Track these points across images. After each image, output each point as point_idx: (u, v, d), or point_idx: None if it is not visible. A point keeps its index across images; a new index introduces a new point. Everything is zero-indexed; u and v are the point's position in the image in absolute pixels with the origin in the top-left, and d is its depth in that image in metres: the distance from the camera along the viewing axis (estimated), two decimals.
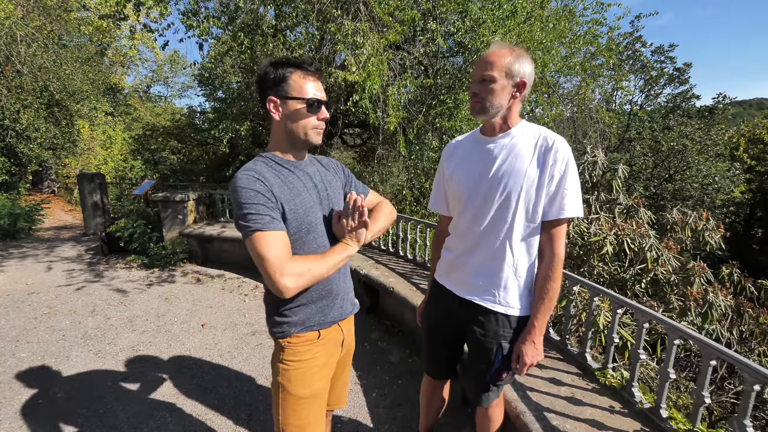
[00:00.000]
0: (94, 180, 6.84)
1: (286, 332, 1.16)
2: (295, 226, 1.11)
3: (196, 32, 4.21)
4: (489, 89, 1.20)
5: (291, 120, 1.13)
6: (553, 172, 1.19)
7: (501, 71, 1.19)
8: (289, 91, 1.10)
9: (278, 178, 1.11)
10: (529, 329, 1.28)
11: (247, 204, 1.02)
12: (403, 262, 3.95)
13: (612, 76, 7.27)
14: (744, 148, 15.98)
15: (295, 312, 1.18)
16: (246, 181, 1.04)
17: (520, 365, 1.29)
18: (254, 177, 1.06)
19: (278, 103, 1.11)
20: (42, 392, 2.47)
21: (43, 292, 4.15)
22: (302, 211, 1.12)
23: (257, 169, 1.09)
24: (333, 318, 1.24)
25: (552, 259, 1.24)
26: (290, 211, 1.10)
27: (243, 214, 1.03)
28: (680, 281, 3.52)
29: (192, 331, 3.33)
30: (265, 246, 1.00)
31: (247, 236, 1.03)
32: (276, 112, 1.12)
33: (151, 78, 20.61)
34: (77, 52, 9.21)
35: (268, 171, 1.11)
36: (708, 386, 1.58)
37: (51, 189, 12.17)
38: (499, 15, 4.23)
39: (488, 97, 1.21)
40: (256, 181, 1.05)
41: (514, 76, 1.20)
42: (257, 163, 1.13)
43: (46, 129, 8.71)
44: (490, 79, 1.19)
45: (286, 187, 1.10)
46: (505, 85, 1.20)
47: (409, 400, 2.43)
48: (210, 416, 2.26)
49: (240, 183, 1.04)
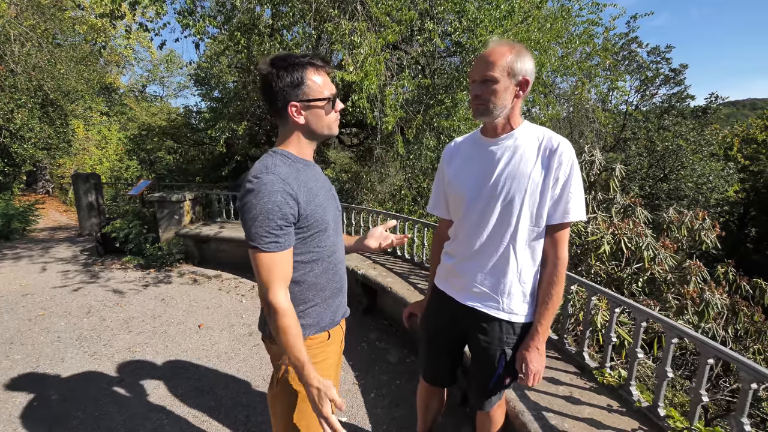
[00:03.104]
0: (89, 180, 6.78)
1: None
2: (314, 225, 1.11)
3: (192, 31, 4.19)
4: (492, 90, 1.16)
5: (315, 120, 1.10)
6: (557, 175, 1.17)
7: (503, 71, 1.14)
8: (309, 93, 1.07)
9: (299, 178, 1.09)
10: (533, 335, 1.25)
11: (265, 218, 0.99)
12: (401, 262, 3.95)
13: (608, 77, 7.30)
14: (738, 148, 16.12)
15: (309, 314, 1.16)
16: (270, 186, 0.99)
17: (526, 374, 1.25)
18: (279, 185, 1.00)
19: (300, 107, 1.07)
20: (37, 395, 2.44)
21: (37, 293, 4.11)
22: (321, 211, 1.12)
23: (282, 172, 1.03)
24: (341, 316, 1.26)
25: (556, 263, 1.22)
26: (311, 212, 1.08)
27: (257, 226, 1.00)
28: (677, 280, 3.54)
29: (188, 332, 3.31)
30: (272, 269, 1.02)
31: (254, 250, 1.01)
32: (299, 116, 1.08)
33: (146, 78, 20.48)
34: (72, 51, 9.12)
35: (290, 171, 1.07)
36: (705, 384, 1.59)
37: (45, 189, 12.06)
38: (496, 15, 4.24)
39: (492, 99, 1.16)
40: (281, 191, 1.00)
41: (516, 75, 1.15)
42: (277, 161, 1.07)
43: (40, 129, 8.62)
44: (493, 79, 1.14)
45: (306, 188, 1.08)
46: (508, 85, 1.16)
47: (408, 401, 2.43)
48: (207, 418, 2.25)
49: (264, 188, 0.99)
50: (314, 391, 1.02)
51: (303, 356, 1.03)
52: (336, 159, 9.72)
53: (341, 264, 1.25)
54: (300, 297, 1.15)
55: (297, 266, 1.12)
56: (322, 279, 1.17)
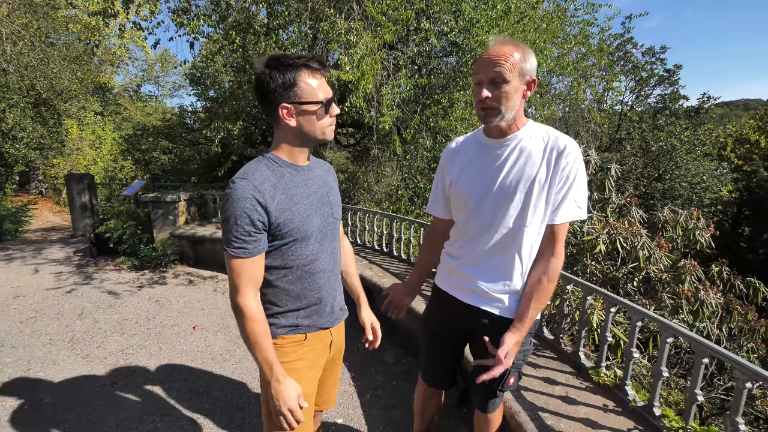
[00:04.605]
0: (82, 180, 6.71)
1: (273, 333, 1.13)
2: (290, 234, 1.09)
3: (186, 30, 4.16)
4: (503, 92, 1.10)
5: (308, 124, 1.08)
6: (563, 176, 1.15)
7: (513, 71, 1.10)
8: (302, 95, 1.05)
9: (279, 184, 1.08)
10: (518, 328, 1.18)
11: (234, 223, 1.02)
12: (397, 262, 3.94)
13: (603, 77, 7.34)
14: (731, 148, 16.26)
15: (283, 315, 1.17)
16: (240, 193, 1.01)
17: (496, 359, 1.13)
18: (249, 192, 1.01)
19: (292, 110, 1.06)
20: (28, 398, 2.41)
21: (29, 295, 4.06)
22: (299, 220, 1.10)
23: (257, 179, 1.04)
24: (322, 325, 1.23)
25: (552, 260, 1.20)
26: (286, 221, 1.07)
27: (227, 230, 1.04)
28: (672, 279, 3.55)
29: (183, 334, 3.28)
30: (240, 273, 1.05)
31: (225, 252, 1.05)
32: (290, 118, 1.07)
33: (141, 77, 20.33)
34: (65, 50, 9.02)
35: (271, 177, 1.07)
36: (700, 384, 1.59)
37: (39, 190, 11.92)
38: (492, 15, 4.24)
39: (503, 101, 1.11)
40: (250, 198, 1.01)
41: (524, 75, 1.12)
42: (260, 166, 1.08)
43: (32, 129, 8.53)
44: (504, 80, 1.09)
45: (284, 196, 1.07)
46: (518, 86, 1.12)
47: (404, 401, 2.42)
48: (202, 420, 2.23)
49: (234, 194, 1.01)
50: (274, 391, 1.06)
51: (270, 356, 1.07)
52: (333, 159, 9.70)
53: (324, 273, 1.20)
54: (272, 300, 1.16)
55: (270, 270, 1.12)
56: (296, 287, 1.16)
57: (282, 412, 1.07)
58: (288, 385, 1.08)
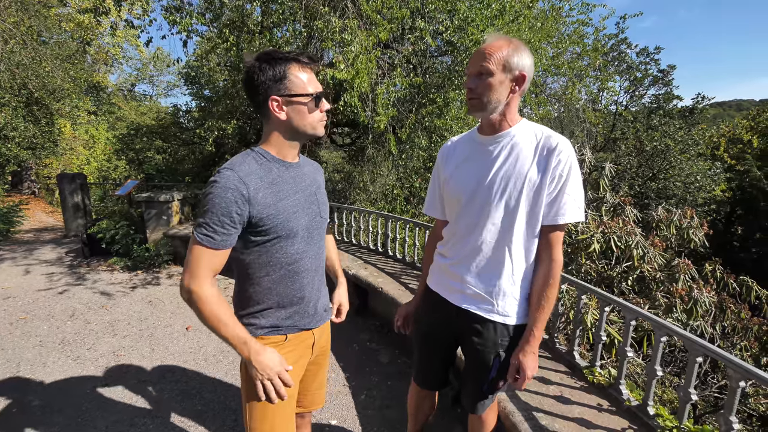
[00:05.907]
0: (75, 180, 6.64)
1: (252, 333, 1.11)
2: (274, 231, 1.07)
3: (178, 28, 4.12)
4: (486, 84, 1.13)
5: (298, 117, 1.07)
6: (555, 175, 1.13)
7: (498, 64, 1.11)
8: (292, 88, 1.04)
9: (266, 178, 1.06)
10: (528, 339, 1.21)
11: (210, 210, 1.00)
12: (393, 262, 3.92)
13: (598, 77, 7.37)
14: (724, 148, 16.40)
15: (264, 315, 1.14)
16: (224, 182, 0.99)
17: (521, 379, 1.21)
18: (234, 182, 1.00)
19: (281, 102, 1.05)
20: (16, 401, 2.37)
21: (19, 296, 4.00)
22: (283, 217, 1.08)
23: (243, 170, 1.02)
24: (304, 325, 1.21)
25: (551, 265, 1.19)
26: (270, 216, 1.05)
27: (202, 214, 1.02)
28: (665, 278, 3.57)
29: (176, 335, 3.25)
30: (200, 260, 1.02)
31: (192, 235, 1.04)
32: (280, 111, 1.06)
33: (135, 76, 20.16)
34: (57, 49, 8.92)
35: (258, 170, 1.05)
36: (694, 383, 1.59)
37: (31, 190, 11.78)
38: (487, 14, 4.24)
39: (485, 93, 1.13)
40: (233, 189, 0.99)
41: (512, 69, 1.12)
42: (247, 159, 1.06)
43: (24, 128, 8.43)
44: (487, 72, 1.12)
45: (270, 191, 1.06)
46: (503, 79, 1.13)
47: (399, 402, 2.40)
48: (194, 423, 2.20)
49: (218, 183, 1.00)
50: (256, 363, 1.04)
51: (240, 332, 1.04)
52: (328, 159, 9.67)
53: (309, 273, 1.19)
54: (255, 298, 1.13)
55: (253, 267, 1.11)
56: (279, 286, 1.14)
57: (271, 378, 1.05)
58: (269, 353, 1.06)
